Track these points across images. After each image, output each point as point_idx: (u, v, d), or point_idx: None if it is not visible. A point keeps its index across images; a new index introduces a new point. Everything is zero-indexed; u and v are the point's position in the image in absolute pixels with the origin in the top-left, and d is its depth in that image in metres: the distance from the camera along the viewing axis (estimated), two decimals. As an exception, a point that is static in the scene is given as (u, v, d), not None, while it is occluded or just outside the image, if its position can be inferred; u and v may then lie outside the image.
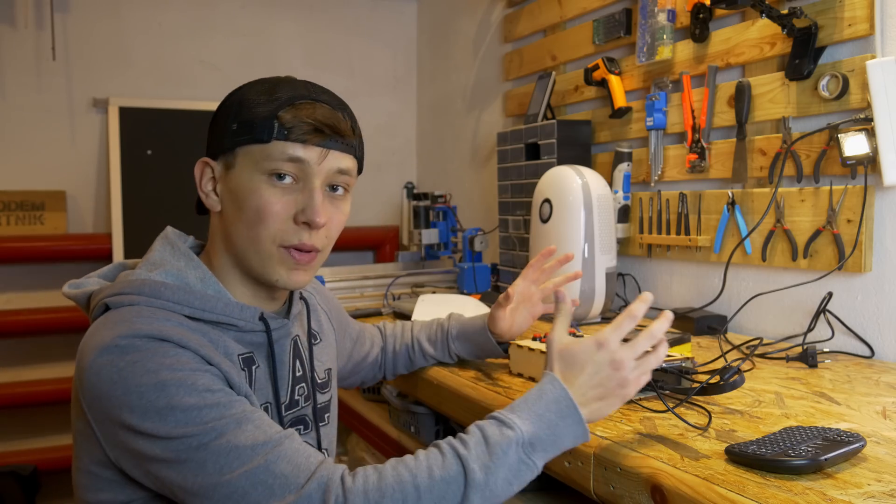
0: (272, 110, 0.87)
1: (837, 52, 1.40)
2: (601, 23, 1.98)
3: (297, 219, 0.87)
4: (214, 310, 0.88)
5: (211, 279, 0.91)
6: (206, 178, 0.93)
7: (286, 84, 0.90)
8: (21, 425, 2.67)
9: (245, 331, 0.91)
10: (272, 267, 0.89)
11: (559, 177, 1.69)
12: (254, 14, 3.00)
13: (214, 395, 0.77)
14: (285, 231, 0.88)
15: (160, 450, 0.75)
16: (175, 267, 0.90)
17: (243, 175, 0.88)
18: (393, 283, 2.19)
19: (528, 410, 0.81)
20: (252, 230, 0.88)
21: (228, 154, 0.90)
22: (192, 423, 0.74)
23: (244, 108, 0.88)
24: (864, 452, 0.81)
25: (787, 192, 1.48)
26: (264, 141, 0.86)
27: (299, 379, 0.99)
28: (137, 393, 0.75)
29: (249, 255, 0.89)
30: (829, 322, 1.41)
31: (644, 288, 1.89)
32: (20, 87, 2.65)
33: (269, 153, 0.86)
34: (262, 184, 0.87)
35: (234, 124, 0.88)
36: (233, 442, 0.75)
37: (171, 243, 0.94)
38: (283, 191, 0.87)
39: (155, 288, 0.86)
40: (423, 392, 1.34)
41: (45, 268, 2.70)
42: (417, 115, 3.32)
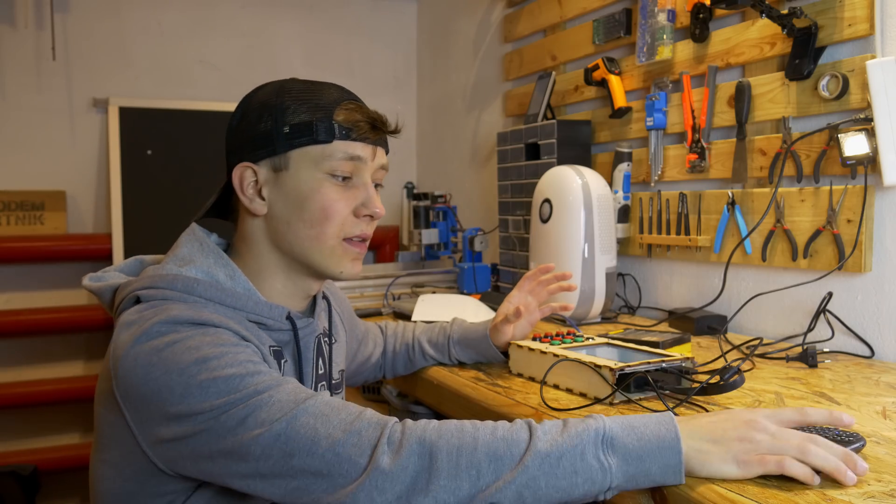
0: (327, 112, 0.91)
1: (837, 52, 1.40)
2: (601, 23, 1.98)
3: (359, 212, 0.94)
4: (245, 307, 0.90)
5: (240, 277, 0.92)
6: (247, 182, 0.94)
7: (321, 87, 0.95)
8: (21, 425, 2.67)
9: (273, 329, 0.93)
10: (337, 260, 0.95)
11: (559, 177, 1.69)
12: (254, 14, 3.00)
13: (256, 365, 0.78)
14: (348, 224, 0.94)
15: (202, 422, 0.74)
16: (204, 264, 0.91)
17: (301, 176, 0.92)
18: (393, 283, 2.19)
19: (624, 419, 0.75)
20: (315, 228, 0.92)
21: (281, 157, 0.92)
22: (234, 390, 0.75)
23: (290, 111, 0.91)
24: (863, 452, 0.81)
25: (787, 192, 1.48)
26: (324, 141, 0.91)
27: (321, 377, 1.02)
28: (179, 370, 0.75)
29: (313, 253, 0.94)
30: (829, 322, 1.41)
31: (644, 288, 1.89)
32: (20, 87, 2.65)
33: (331, 153, 0.92)
34: (325, 182, 0.92)
35: (284, 127, 0.91)
36: (275, 396, 0.75)
37: (198, 240, 0.95)
38: (343, 188, 0.93)
39: (188, 283, 0.87)
40: (423, 392, 1.34)
41: (45, 268, 2.70)
42: (417, 115, 3.32)
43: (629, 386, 1.02)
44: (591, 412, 0.98)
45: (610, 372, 1.01)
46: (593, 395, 1.04)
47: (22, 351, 2.68)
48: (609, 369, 1.01)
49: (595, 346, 1.20)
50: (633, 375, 1.02)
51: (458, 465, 0.71)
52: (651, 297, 1.87)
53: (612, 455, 0.72)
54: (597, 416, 0.75)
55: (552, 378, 1.13)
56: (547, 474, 0.70)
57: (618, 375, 1.00)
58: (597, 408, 1.00)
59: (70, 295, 2.71)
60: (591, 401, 1.03)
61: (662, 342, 1.24)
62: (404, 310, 1.77)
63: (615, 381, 1.00)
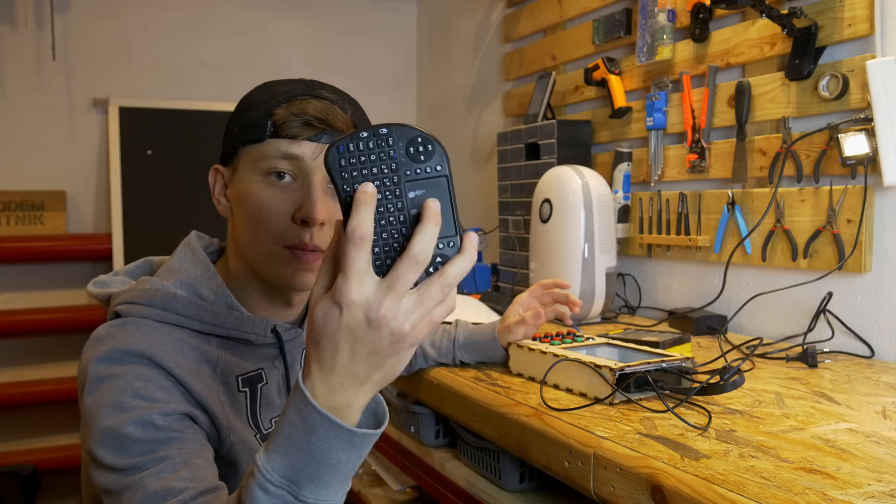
0: (268, 109, 0.86)
1: (837, 52, 1.40)
2: (601, 23, 1.98)
3: (296, 217, 0.85)
4: (225, 324, 0.88)
5: (224, 291, 0.90)
6: (218, 184, 0.93)
7: (287, 83, 0.90)
8: (21, 425, 2.67)
9: (257, 344, 0.91)
10: (276, 268, 0.87)
11: (559, 177, 1.69)
12: (254, 14, 3.00)
13: (157, 431, 0.74)
14: (286, 231, 0.85)
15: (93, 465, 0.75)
16: (191, 276, 0.90)
17: (244, 177, 0.88)
18: (393, 283, 2.19)
19: (275, 437, 0.60)
20: (254, 231, 0.86)
21: (233, 157, 0.90)
22: (122, 451, 0.73)
23: (244, 110, 0.89)
24: (863, 452, 0.81)
25: (787, 192, 1.48)
26: (259, 140, 0.86)
27: None
28: (103, 405, 0.76)
29: (255, 258, 0.88)
30: (829, 322, 1.41)
31: (644, 288, 1.89)
32: (20, 87, 2.65)
33: (265, 152, 0.86)
34: (261, 184, 0.86)
35: (234, 127, 0.89)
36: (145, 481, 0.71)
37: (191, 250, 0.93)
38: (281, 190, 0.85)
39: (167, 301, 0.86)
40: (423, 392, 1.34)
41: (45, 268, 2.70)
42: (417, 115, 3.32)
43: (629, 386, 1.02)
44: (591, 412, 0.99)
45: (610, 372, 1.01)
46: (593, 395, 1.04)
47: (22, 351, 2.68)
48: (609, 369, 1.01)
49: (595, 346, 1.20)
50: (633, 375, 1.02)
51: None
52: (651, 297, 1.87)
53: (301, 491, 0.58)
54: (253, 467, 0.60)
55: (552, 378, 1.13)
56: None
57: (618, 375, 1.00)
58: (597, 408, 1.01)
59: (70, 295, 2.71)
60: (591, 401, 1.03)
61: (662, 342, 1.24)
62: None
63: (615, 381, 1.00)
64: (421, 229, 0.56)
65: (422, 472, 1.46)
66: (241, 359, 0.89)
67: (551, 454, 0.96)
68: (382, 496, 1.74)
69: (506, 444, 1.08)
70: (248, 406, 0.89)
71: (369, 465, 1.84)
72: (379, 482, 1.79)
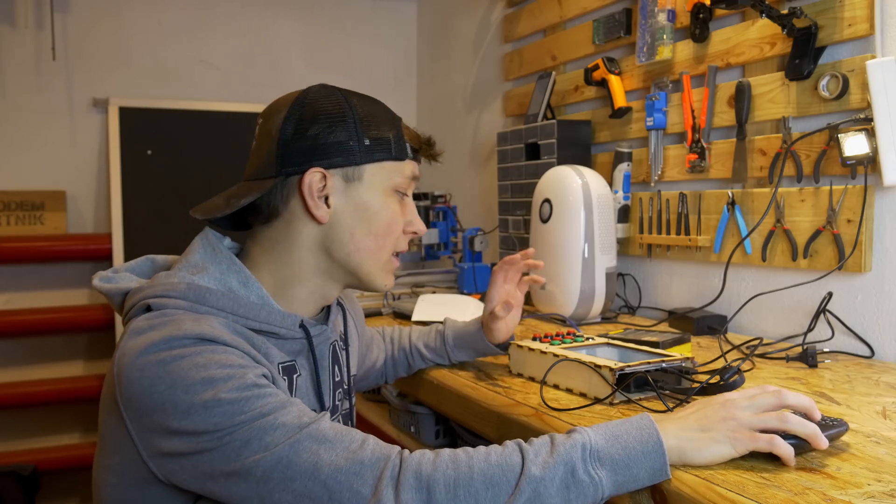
0: (398, 129, 0.95)
1: (837, 52, 1.40)
2: (601, 23, 1.98)
3: (407, 230, 0.99)
4: (258, 317, 0.88)
5: (254, 284, 0.91)
6: (315, 188, 0.92)
7: (376, 102, 0.98)
8: (21, 425, 2.67)
9: (286, 338, 0.92)
10: (385, 273, 0.98)
11: (559, 177, 1.69)
12: (254, 14, 3.00)
13: (261, 388, 0.77)
14: (400, 240, 0.99)
15: (204, 441, 0.74)
16: (217, 271, 0.90)
17: (375, 190, 0.94)
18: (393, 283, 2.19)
19: (606, 428, 0.78)
20: (378, 241, 0.95)
21: (354, 168, 0.93)
22: (239, 412, 0.74)
23: (369, 124, 0.93)
24: (863, 452, 0.81)
25: (787, 192, 1.48)
26: (399, 159, 0.95)
27: (338, 384, 1.01)
28: (184, 387, 0.74)
29: (367, 264, 0.96)
30: (829, 322, 1.41)
31: (644, 288, 1.89)
32: (20, 87, 2.65)
33: (402, 170, 0.96)
34: (392, 199, 0.96)
35: (365, 140, 0.92)
36: (279, 419, 0.75)
37: (211, 245, 0.93)
38: (401, 205, 0.98)
39: (200, 293, 0.85)
40: (423, 392, 1.34)
41: (45, 268, 2.70)
42: (417, 115, 3.32)
43: (629, 386, 1.02)
44: (591, 412, 0.99)
45: (610, 372, 1.01)
46: (593, 395, 1.04)
47: (22, 351, 2.68)
48: (609, 369, 1.01)
49: (595, 346, 1.20)
50: (633, 375, 1.02)
51: (455, 496, 0.72)
52: (651, 297, 1.87)
53: (600, 468, 0.74)
54: (581, 430, 0.77)
55: (552, 378, 1.13)
56: (542, 495, 0.72)
57: (618, 375, 1.00)
58: (597, 408, 1.01)
59: (70, 295, 2.71)
60: (591, 401, 1.03)
61: (662, 342, 1.24)
62: (404, 310, 1.77)
63: (615, 381, 1.00)
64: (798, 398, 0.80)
65: (422, 472, 1.46)
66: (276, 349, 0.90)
67: (551, 454, 0.96)
68: (382, 496, 1.74)
69: (506, 444, 1.08)
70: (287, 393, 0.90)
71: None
72: (379, 482, 1.79)
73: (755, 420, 0.77)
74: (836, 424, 0.82)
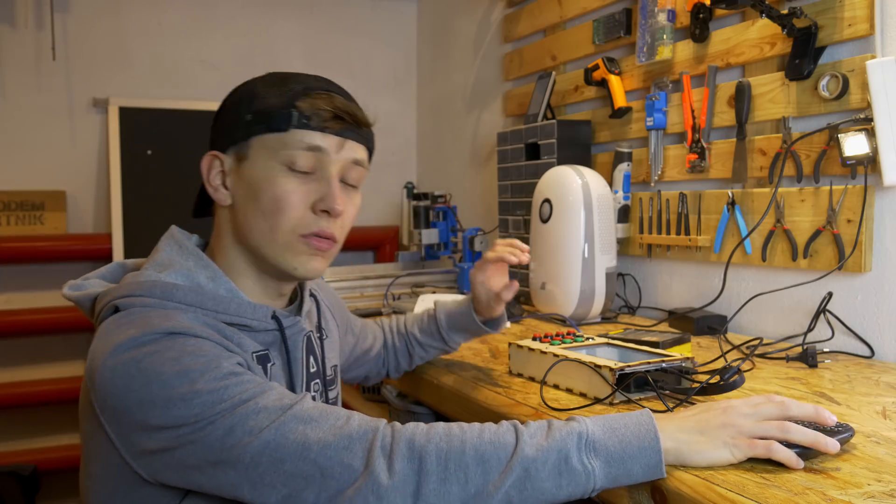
0: (289, 99, 0.87)
1: (837, 52, 1.40)
2: (601, 23, 1.98)
3: (316, 207, 0.88)
4: (227, 310, 0.87)
5: (222, 278, 0.90)
6: (214, 171, 0.92)
7: (298, 76, 0.91)
8: (21, 425, 2.67)
9: (258, 330, 0.91)
10: (291, 256, 0.89)
11: (559, 177, 1.69)
12: (254, 14, 3.00)
13: (238, 375, 0.77)
14: (304, 220, 0.88)
15: (187, 434, 0.73)
16: (185, 267, 0.89)
17: (258, 165, 0.88)
18: (393, 283, 2.19)
19: (604, 420, 0.77)
20: (270, 220, 0.87)
21: (242, 145, 0.89)
22: (219, 400, 0.73)
23: (258, 98, 0.88)
24: (863, 452, 0.81)
25: (787, 192, 1.48)
26: (282, 130, 0.87)
27: (313, 375, 1.00)
28: (160, 382, 0.73)
29: (266, 247, 0.89)
30: (829, 322, 1.41)
31: (644, 288, 1.89)
32: (20, 87, 2.65)
33: (287, 142, 0.87)
34: (280, 173, 0.87)
35: (247, 115, 0.88)
36: (261, 403, 0.74)
37: (177, 243, 0.92)
38: (300, 180, 0.87)
39: (167, 289, 0.85)
40: (423, 392, 1.34)
41: (45, 268, 2.70)
42: (417, 115, 3.32)
43: (629, 386, 1.02)
44: (591, 412, 0.99)
45: (610, 372, 1.01)
46: (593, 395, 1.04)
47: (22, 351, 2.68)
48: (609, 369, 1.01)
49: (595, 346, 1.20)
50: (633, 375, 1.01)
51: (446, 468, 0.72)
52: (651, 297, 1.87)
53: (594, 458, 0.74)
54: (579, 419, 0.77)
55: (552, 378, 1.13)
56: (533, 478, 0.72)
57: (618, 375, 1.00)
58: (597, 408, 1.01)
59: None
60: (591, 401, 1.03)
61: (662, 342, 1.24)
62: (404, 310, 1.77)
63: (615, 381, 1.00)
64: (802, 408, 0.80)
65: (422, 472, 1.46)
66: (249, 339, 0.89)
67: (551, 454, 0.96)
68: (382, 496, 1.73)
69: (506, 444, 1.08)
70: None
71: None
72: (379, 482, 1.79)
73: (756, 428, 0.77)
74: (842, 430, 0.82)
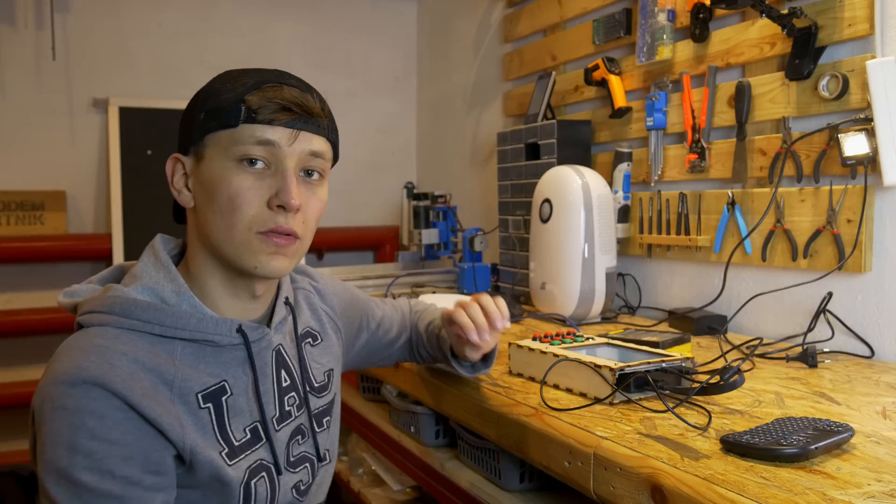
0: (239, 94, 0.85)
1: (837, 52, 1.40)
2: (601, 23, 1.98)
3: (272, 203, 0.85)
4: (188, 326, 0.85)
5: (186, 293, 0.87)
6: (177, 174, 0.91)
7: (254, 71, 0.89)
8: (21, 425, 2.67)
9: (222, 345, 0.88)
10: (250, 255, 0.86)
11: (559, 177, 1.69)
12: (254, 14, 3.00)
13: (112, 482, 0.76)
14: (261, 216, 0.85)
15: (44, 492, 0.75)
16: (152, 281, 0.88)
17: (213, 164, 0.86)
18: (393, 283, 2.19)
19: None
20: (226, 219, 0.85)
21: (198, 145, 0.87)
22: (74, 499, 0.74)
23: (211, 96, 0.87)
24: (863, 452, 0.81)
25: (787, 192, 1.48)
26: (232, 126, 0.84)
27: (287, 389, 0.95)
28: (53, 441, 0.75)
29: (225, 246, 0.86)
30: (829, 322, 1.41)
31: (644, 288, 1.89)
32: (20, 87, 2.65)
33: (238, 138, 0.84)
34: (233, 170, 0.84)
35: (201, 114, 0.87)
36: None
37: (155, 253, 0.91)
38: (255, 176, 0.84)
39: (126, 307, 0.84)
40: (423, 392, 1.34)
41: (45, 268, 2.70)
42: (417, 115, 3.32)
43: (629, 386, 1.02)
44: (591, 412, 0.99)
45: (610, 372, 1.01)
46: (593, 395, 1.04)
47: (22, 351, 2.68)
48: (609, 369, 1.01)
49: (595, 346, 1.20)
50: (633, 375, 1.02)
51: None
52: (651, 297, 1.87)
53: None
54: None
55: (552, 378, 1.13)
56: None
57: (618, 375, 1.00)
58: (597, 408, 1.01)
59: (70, 295, 2.71)
60: (591, 401, 1.03)
61: (662, 342, 1.24)
62: (404, 310, 1.77)
63: (615, 381, 1.00)
64: None
65: (422, 472, 1.46)
66: (205, 366, 0.86)
67: (551, 454, 0.96)
68: (382, 496, 1.74)
69: (506, 444, 1.08)
70: (214, 421, 0.85)
71: (369, 465, 1.84)
72: (379, 482, 1.79)
73: None
74: (840, 430, 0.82)
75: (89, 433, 0.75)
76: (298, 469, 0.95)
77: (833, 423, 0.84)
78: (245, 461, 0.87)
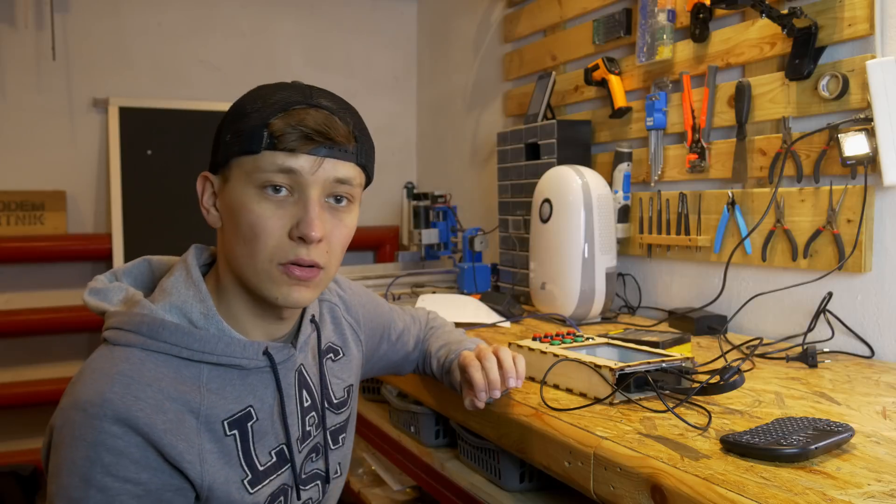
0: (264, 118, 0.82)
1: (837, 52, 1.40)
2: (601, 23, 1.98)
3: (293, 234, 0.82)
4: (215, 350, 0.84)
5: (214, 316, 0.86)
6: (206, 193, 0.89)
7: (285, 89, 0.85)
8: (21, 425, 2.67)
9: (249, 369, 0.87)
10: (272, 286, 0.83)
11: (559, 177, 1.69)
12: (254, 14, 3.00)
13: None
14: (281, 248, 0.82)
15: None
16: (181, 299, 0.86)
17: (237, 189, 0.83)
18: (393, 283, 2.19)
19: None
20: (248, 247, 0.83)
21: (224, 167, 0.85)
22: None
23: (238, 117, 0.84)
24: (863, 452, 0.81)
25: (787, 192, 1.48)
26: (254, 152, 0.81)
27: (308, 409, 0.95)
28: (67, 469, 0.75)
29: (248, 272, 0.84)
30: (829, 322, 1.41)
31: (644, 288, 1.89)
32: (20, 87, 2.65)
33: (260, 164, 0.81)
34: (255, 198, 0.82)
35: (227, 135, 0.84)
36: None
37: (187, 268, 0.89)
38: (277, 204, 0.82)
39: (154, 328, 0.82)
40: (423, 392, 1.34)
41: (45, 268, 2.70)
42: (417, 115, 3.32)
43: (629, 386, 1.02)
44: (591, 412, 0.99)
45: (610, 372, 1.01)
46: (593, 395, 1.04)
47: (22, 351, 2.68)
48: (609, 369, 1.01)
49: (595, 346, 1.20)
50: (633, 375, 1.02)
51: None
52: (651, 297, 1.87)
53: None
54: None
55: (552, 378, 1.13)
56: None
57: (618, 375, 1.00)
58: (597, 408, 1.01)
59: (70, 295, 2.71)
60: (591, 401, 1.03)
61: (662, 342, 1.24)
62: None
63: (615, 381, 1.00)
64: None
65: (422, 472, 1.46)
66: (231, 389, 0.86)
67: (551, 454, 0.96)
68: (382, 496, 1.74)
69: (506, 444, 1.08)
70: (240, 448, 0.85)
71: (369, 465, 1.84)
72: (379, 482, 1.79)
73: None
74: (840, 430, 0.82)
75: (105, 469, 0.74)
76: (309, 486, 0.95)
77: (833, 423, 0.84)
78: (269, 487, 0.86)
